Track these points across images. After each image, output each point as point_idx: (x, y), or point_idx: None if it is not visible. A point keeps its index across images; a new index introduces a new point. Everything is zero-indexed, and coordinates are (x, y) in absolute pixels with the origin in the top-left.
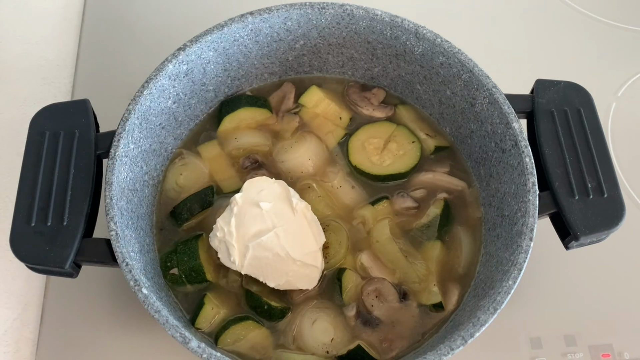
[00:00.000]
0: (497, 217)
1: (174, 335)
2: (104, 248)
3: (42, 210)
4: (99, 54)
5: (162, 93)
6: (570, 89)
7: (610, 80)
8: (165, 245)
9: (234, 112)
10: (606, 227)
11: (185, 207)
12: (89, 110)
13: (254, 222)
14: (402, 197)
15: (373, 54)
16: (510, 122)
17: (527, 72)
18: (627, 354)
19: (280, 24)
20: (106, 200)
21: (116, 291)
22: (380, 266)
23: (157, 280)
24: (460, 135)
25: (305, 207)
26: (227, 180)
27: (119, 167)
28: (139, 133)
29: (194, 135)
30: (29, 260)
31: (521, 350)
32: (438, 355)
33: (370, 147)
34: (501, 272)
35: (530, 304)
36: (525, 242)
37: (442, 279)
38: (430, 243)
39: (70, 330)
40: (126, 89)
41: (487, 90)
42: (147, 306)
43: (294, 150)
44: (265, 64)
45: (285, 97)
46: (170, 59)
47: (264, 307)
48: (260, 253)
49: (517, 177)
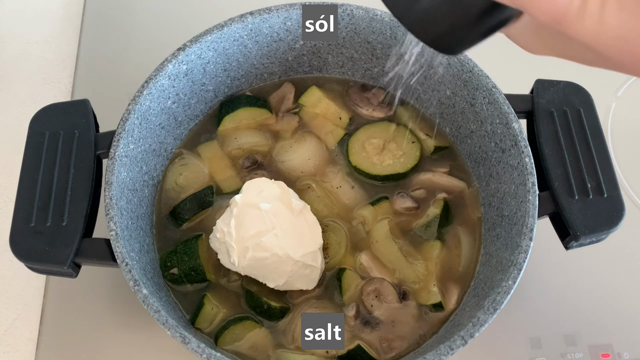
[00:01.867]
0: (497, 217)
1: (173, 335)
2: (104, 248)
3: (42, 210)
4: (99, 54)
5: (161, 93)
6: (570, 89)
7: (610, 80)
8: (165, 245)
9: (233, 112)
10: (606, 227)
11: (185, 207)
12: (89, 110)
13: (254, 223)
14: (402, 197)
15: (373, 54)
16: (510, 122)
17: (527, 72)
18: (627, 354)
19: (280, 24)
20: (106, 200)
21: (116, 291)
22: (380, 266)
23: (157, 280)
24: (460, 135)
25: (304, 208)
26: (227, 180)
27: (119, 167)
28: (139, 133)
29: (193, 135)
30: (28, 260)
31: (521, 350)
32: (438, 355)
33: (370, 147)
34: (501, 272)
35: (530, 304)
36: (525, 242)
37: (442, 279)
38: (430, 243)
39: (70, 330)
40: (126, 89)
41: (487, 90)
42: (147, 306)
43: (294, 150)
44: (265, 64)
45: (285, 97)
46: (170, 59)
47: (264, 307)
48: (259, 254)
49: (516, 177)
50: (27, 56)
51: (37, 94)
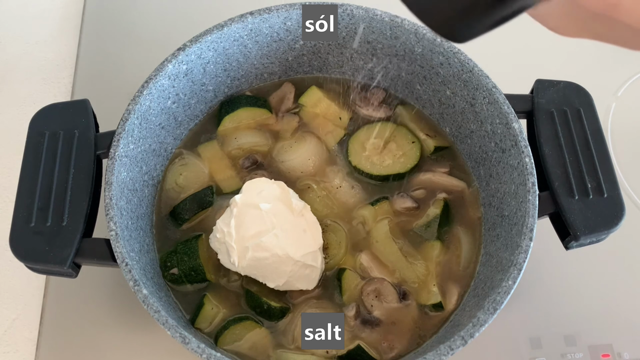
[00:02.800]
0: (497, 217)
1: (173, 335)
2: (104, 248)
3: (42, 210)
4: (99, 54)
5: (161, 93)
6: (570, 89)
7: (610, 80)
8: (165, 245)
9: (233, 112)
10: (606, 227)
11: (185, 207)
12: (89, 110)
13: (254, 223)
14: (402, 197)
15: (373, 54)
16: (510, 122)
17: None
18: (627, 354)
19: (280, 24)
20: (106, 200)
21: (116, 291)
22: (380, 266)
23: (157, 280)
24: (460, 135)
25: (304, 208)
26: (227, 180)
27: (119, 167)
28: (139, 133)
29: (193, 135)
30: (28, 260)
31: (521, 350)
32: (438, 355)
33: (370, 147)
34: (501, 272)
35: (530, 304)
36: (525, 242)
37: (442, 279)
38: (430, 243)
39: (70, 330)
40: (126, 89)
41: (487, 90)
42: (146, 306)
43: (294, 150)
44: (265, 64)
45: (285, 97)
46: (170, 59)
47: (264, 307)
48: (259, 254)
49: (516, 177)
50: (27, 56)
51: (37, 94)
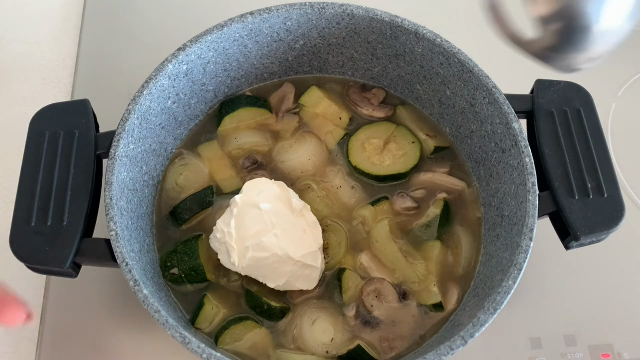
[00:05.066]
0: (497, 217)
1: (173, 335)
2: (104, 248)
3: (42, 210)
4: (99, 54)
5: (161, 93)
6: (570, 89)
7: (610, 80)
8: (165, 245)
9: (233, 112)
10: (606, 227)
11: (185, 207)
12: (89, 110)
13: (254, 223)
14: (402, 197)
15: (373, 54)
16: (510, 122)
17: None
18: (627, 354)
19: (280, 24)
20: (106, 200)
21: (116, 291)
22: (380, 266)
23: (157, 280)
24: (460, 135)
25: (304, 208)
26: (227, 180)
27: (119, 167)
28: (139, 133)
29: (193, 135)
30: (28, 260)
31: (521, 350)
32: (438, 355)
33: (370, 147)
34: (501, 272)
35: (530, 304)
36: (525, 242)
37: (442, 279)
38: (430, 243)
39: (70, 330)
40: (126, 89)
41: (487, 90)
42: (147, 306)
43: (294, 150)
44: (265, 64)
45: (285, 97)
46: (170, 59)
47: (264, 307)
48: (259, 254)
49: (516, 177)
50: (27, 56)
51: (37, 94)
